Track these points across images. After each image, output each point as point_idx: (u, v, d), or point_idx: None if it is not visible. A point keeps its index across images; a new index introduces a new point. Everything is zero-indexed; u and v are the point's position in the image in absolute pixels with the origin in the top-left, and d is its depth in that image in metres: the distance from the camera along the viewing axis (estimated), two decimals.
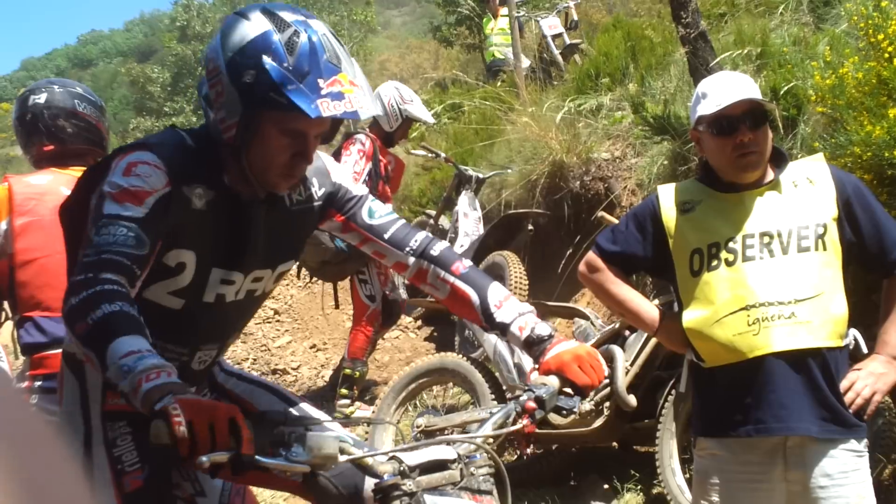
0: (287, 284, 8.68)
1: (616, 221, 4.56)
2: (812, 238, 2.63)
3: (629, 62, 8.07)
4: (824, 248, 2.63)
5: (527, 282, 6.41)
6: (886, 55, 4.14)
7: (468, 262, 2.38)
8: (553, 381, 2.13)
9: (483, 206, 7.77)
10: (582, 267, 3.01)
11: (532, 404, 2.07)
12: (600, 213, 5.34)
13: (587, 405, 4.38)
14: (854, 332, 2.70)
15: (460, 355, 5.38)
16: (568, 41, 11.42)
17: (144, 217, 2.00)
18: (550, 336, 2.21)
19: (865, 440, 2.65)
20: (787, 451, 2.63)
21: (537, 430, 4.51)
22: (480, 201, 7.72)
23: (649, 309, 2.91)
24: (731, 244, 2.68)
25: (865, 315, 2.84)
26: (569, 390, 2.16)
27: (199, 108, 29.64)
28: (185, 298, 2.21)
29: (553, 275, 6.69)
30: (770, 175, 2.75)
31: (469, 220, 7.41)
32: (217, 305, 2.28)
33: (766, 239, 2.66)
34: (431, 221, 7.90)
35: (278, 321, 8.40)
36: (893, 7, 4.62)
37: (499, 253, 6.74)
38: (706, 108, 2.69)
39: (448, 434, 5.10)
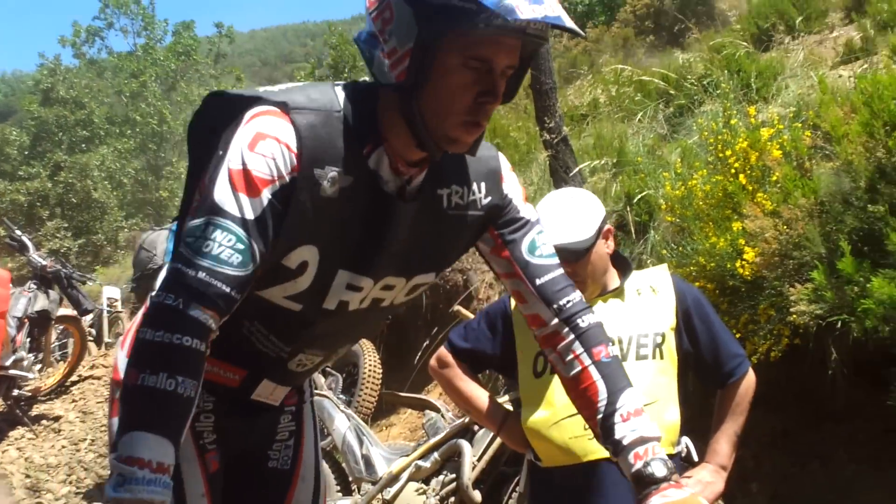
0: None
1: (471, 316, 4.62)
2: (650, 346, 2.70)
3: None
4: (661, 357, 2.69)
5: (381, 370, 6.37)
6: (733, 170, 4.35)
7: (614, 351, 1.97)
8: None
9: None
10: (433, 361, 3.01)
11: None
12: (456, 307, 5.39)
13: (433, 500, 4.33)
14: (686, 439, 2.75)
15: None
16: None
17: (257, 219, 1.67)
18: (664, 479, 1.78)
19: None
20: None
21: None
22: None
23: (493, 408, 2.91)
24: None
25: (702, 421, 2.91)
26: None
27: (55, 174, 28.82)
28: (303, 303, 1.87)
29: (408, 364, 6.66)
30: (615, 282, 2.82)
31: None
32: (337, 313, 1.92)
33: None
34: None
35: None
36: (741, 125, 4.88)
37: None
38: None
39: None
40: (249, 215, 1.66)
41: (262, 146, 1.68)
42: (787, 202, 3.71)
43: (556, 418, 2.67)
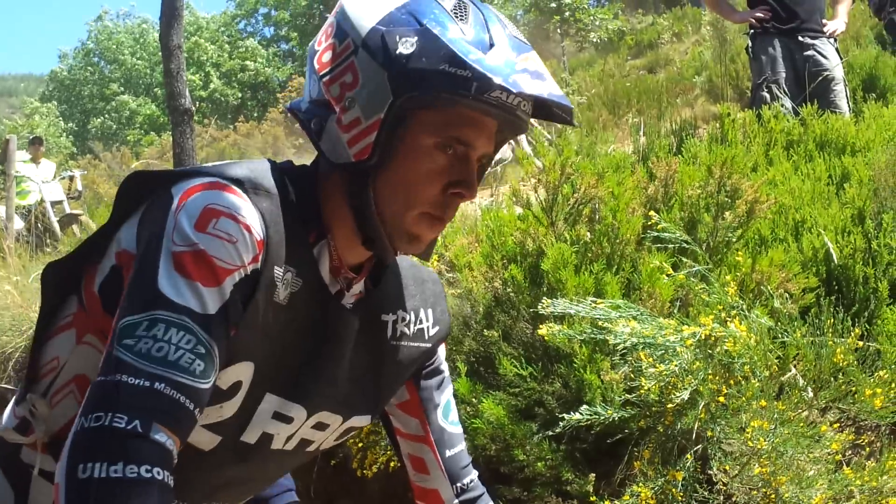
0: None
1: None
2: None
3: None
4: None
5: None
6: None
7: None
8: None
9: None
10: None
11: None
12: None
13: None
14: None
15: None
16: (68, 210, 11.05)
17: (218, 314, 1.23)
18: None
19: None
20: None
21: None
22: None
23: None
24: None
25: None
26: None
27: None
28: (222, 435, 1.41)
29: None
30: None
31: None
32: (257, 451, 1.47)
33: None
34: None
35: None
36: None
37: None
38: None
39: None
40: (209, 309, 1.22)
41: (218, 225, 1.25)
42: None
43: None
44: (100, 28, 36.89)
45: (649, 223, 3.21)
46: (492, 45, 1.31)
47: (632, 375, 2.75)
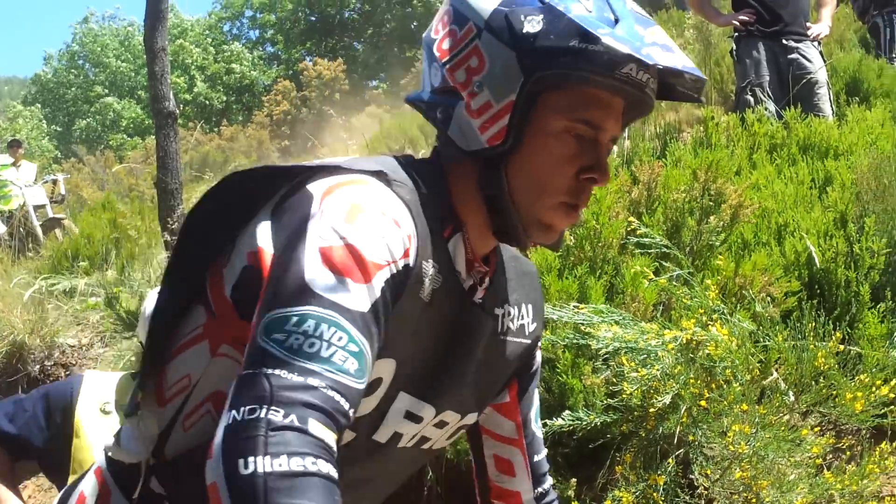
0: None
1: None
2: None
3: (112, 248, 7.95)
4: None
5: None
6: None
7: None
8: None
9: None
10: None
11: None
12: None
13: None
14: None
15: None
16: (51, 214, 10.98)
17: (369, 311, 1.15)
18: None
19: None
20: None
21: None
22: None
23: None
24: None
25: None
26: None
27: None
28: (356, 432, 1.33)
29: None
30: None
31: None
32: (385, 450, 1.41)
33: None
34: None
35: None
36: None
37: None
38: None
39: None
40: (361, 307, 1.14)
41: (366, 220, 1.20)
42: None
43: None
44: (85, 31, 36.74)
45: (631, 228, 3.21)
46: (617, 21, 1.28)
47: (614, 380, 2.75)
